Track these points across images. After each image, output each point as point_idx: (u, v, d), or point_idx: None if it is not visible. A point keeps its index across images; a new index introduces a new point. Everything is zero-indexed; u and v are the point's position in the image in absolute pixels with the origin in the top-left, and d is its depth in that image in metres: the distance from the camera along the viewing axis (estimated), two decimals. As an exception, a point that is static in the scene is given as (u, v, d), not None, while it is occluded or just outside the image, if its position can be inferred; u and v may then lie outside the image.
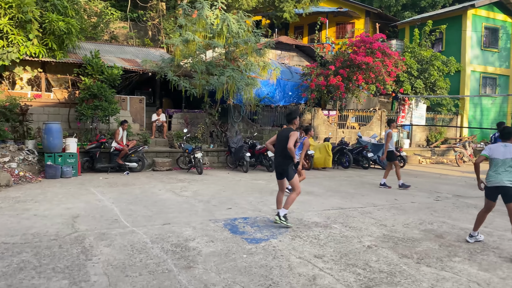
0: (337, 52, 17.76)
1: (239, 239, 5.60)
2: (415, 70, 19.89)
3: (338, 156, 15.02)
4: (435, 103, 21.05)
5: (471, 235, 5.88)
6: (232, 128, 15.38)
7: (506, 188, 5.52)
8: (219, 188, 9.76)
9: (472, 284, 4.27)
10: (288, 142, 6.26)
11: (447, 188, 10.99)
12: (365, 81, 16.55)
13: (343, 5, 26.07)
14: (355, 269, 4.59)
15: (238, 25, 13.78)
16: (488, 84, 22.65)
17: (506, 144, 5.77)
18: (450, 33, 22.27)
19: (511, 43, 23.14)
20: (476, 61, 22.04)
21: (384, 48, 16.50)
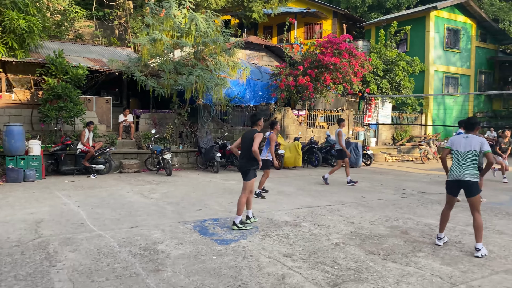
0: (305, 53, 17.95)
1: (208, 241, 5.57)
2: (381, 70, 20.37)
3: (307, 155, 15.19)
4: (400, 102, 21.63)
5: (439, 238, 5.70)
6: (202, 128, 15.29)
7: (467, 182, 5.41)
8: (189, 190, 9.68)
9: (435, 278, 4.41)
10: (252, 144, 6.23)
11: (412, 185, 11.31)
12: (333, 81, 16.81)
13: (311, 6, 26.38)
14: (324, 267, 4.66)
15: (207, 24, 13.71)
16: (451, 84, 23.47)
17: (467, 136, 5.63)
18: (414, 34, 22.93)
19: (472, 44, 24.05)
20: (439, 61, 22.78)
21: (351, 48, 16.80)
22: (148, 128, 14.82)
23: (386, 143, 20.86)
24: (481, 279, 4.42)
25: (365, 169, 15.22)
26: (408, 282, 4.30)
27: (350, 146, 15.78)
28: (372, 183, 11.43)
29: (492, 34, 25.09)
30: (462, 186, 5.52)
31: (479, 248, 5.23)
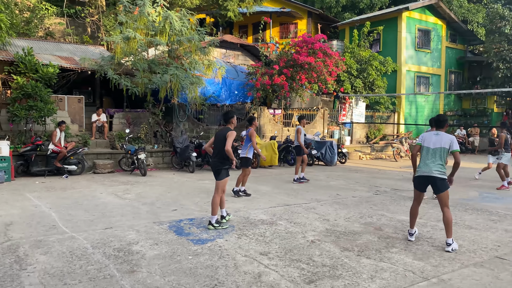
0: (281, 52, 18.04)
1: (184, 241, 5.53)
2: (354, 70, 20.68)
3: (284, 154, 15.27)
4: (373, 101, 22.02)
5: (411, 233, 5.81)
6: (177, 128, 15.15)
7: (435, 178, 5.50)
8: (164, 190, 9.58)
9: (407, 273, 4.52)
10: (226, 143, 6.18)
11: (386, 182, 11.54)
12: (308, 80, 16.95)
13: (286, 6, 26.50)
14: (299, 264, 4.70)
15: (181, 22, 13.59)
16: (422, 83, 24.04)
17: (438, 133, 5.75)
18: (386, 34, 23.37)
19: (442, 44, 24.70)
20: (411, 61, 23.29)
21: (325, 48, 16.98)
22: (122, 127, 14.58)
23: (360, 142, 21.19)
24: (451, 273, 4.55)
25: (340, 167, 15.42)
26: (382, 277, 4.39)
27: (326, 144, 15.98)
28: (346, 181, 11.60)
29: (461, 35, 25.84)
30: (430, 182, 5.61)
31: (450, 243, 5.38)
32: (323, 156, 15.87)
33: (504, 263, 4.89)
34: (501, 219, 7.16)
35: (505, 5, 22.33)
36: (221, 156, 6.30)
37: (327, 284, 4.18)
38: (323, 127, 19.35)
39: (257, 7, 23.21)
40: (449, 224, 5.42)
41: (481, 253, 5.28)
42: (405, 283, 4.25)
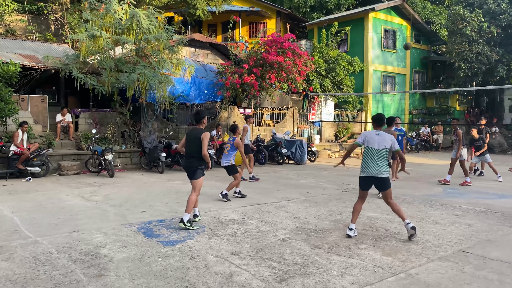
0: (250, 51, 18.04)
1: (154, 242, 5.44)
2: (323, 69, 20.96)
3: (254, 154, 15.26)
4: (342, 100, 22.38)
5: (351, 228, 5.87)
6: (145, 128, 14.90)
7: (383, 178, 5.76)
8: (133, 191, 9.39)
9: (376, 269, 4.60)
10: (202, 146, 6.16)
11: (354, 179, 11.68)
12: (278, 79, 17.03)
13: (255, 5, 26.53)
14: (271, 263, 4.71)
15: (149, 21, 13.35)
16: (388, 82, 24.63)
17: (379, 133, 5.92)
18: (354, 35, 23.80)
19: (407, 45, 25.36)
20: (377, 60, 23.82)
21: (294, 48, 17.10)
22: (88, 128, 14.19)
23: (329, 140, 21.49)
24: (418, 267, 4.67)
25: (310, 165, 15.58)
26: (352, 273, 4.45)
27: (295, 143, 16.11)
28: (316, 179, 11.72)
29: (425, 36, 26.64)
30: (376, 182, 5.87)
31: (409, 223, 5.77)
32: (293, 155, 15.98)
33: (468, 256, 5.06)
34: (464, 214, 7.42)
35: (466, 7, 23.17)
36: (197, 156, 6.25)
37: (298, 282, 4.20)
38: (293, 126, 19.50)
39: (226, 6, 23.12)
40: (399, 211, 5.87)
41: (446, 247, 5.44)
42: (374, 278, 4.32)
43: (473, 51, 21.71)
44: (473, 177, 12.52)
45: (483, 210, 7.78)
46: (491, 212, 7.62)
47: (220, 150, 14.12)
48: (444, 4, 31.25)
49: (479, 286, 4.16)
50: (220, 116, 16.98)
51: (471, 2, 23.33)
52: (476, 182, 11.57)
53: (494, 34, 21.68)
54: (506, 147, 22.53)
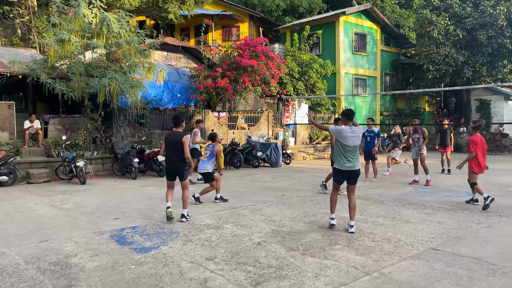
0: (223, 55, 18.02)
1: (127, 250, 5.33)
2: (296, 72, 21.15)
3: (229, 157, 15.25)
4: (315, 103, 22.62)
5: (332, 218, 6.45)
6: (117, 133, 14.64)
7: (358, 171, 6.22)
8: (105, 198, 9.20)
9: (350, 269, 4.65)
10: (184, 149, 6.64)
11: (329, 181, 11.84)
12: (251, 83, 17.07)
13: (228, 9, 26.56)
14: (246, 267, 4.69)
15: (119, 25, 13.14)
16: (360, 85, 25.07)
17: (352, 129, 6.17)
18: (325, 38, 24.13)
19: (377, 47, 25.91)
20: (349, 63, 24.21)
21: (267, 51, 17.20)
22: (58, 134, 13.82)
23: (304, 142, 21.66)
24: (391, 266, 4.75)
25: (285, 168, 15.66)
26: (326, 274, 4.48)
27: (270, 146, 16.17)
28: (291, 181, 11.78)
29: (394, 39, 27.27)
30: (351, 175, 6.25)
31: (353, 225, 6.18)
32: (269, 158, 16.03)
33: (438, 254, 5.19)
34: (434, 212, 7.60)
35: (433, 10, 23.85)
36: (181, 158, 6.75)
37: (273, 285, 4.19)
38: (268, 129, 19.56)
39: (198, 9, 23.02)
40: (354, 208, 6.25)
41: (418, 245, 5.56)
42: (348, 279, 4.37)
43: (440, 53, 22.36)
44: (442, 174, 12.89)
45: (452, 208, 7.99)
46: (460, 209, 7.84)
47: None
48: (412, 8, 32.11)
49: (449, 283, 4.26)
50: (194, 120, 16.85)
51: (437, 6, 24.04)
52: (446, 181, 11.89)
53: (460, 37, 22.40)
54: (474, 146, 23.22)
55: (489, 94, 24.80)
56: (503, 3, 21.96)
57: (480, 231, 6.25)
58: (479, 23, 22.10)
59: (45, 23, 18.13)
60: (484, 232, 6.19)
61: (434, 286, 4.17)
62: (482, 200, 7.99)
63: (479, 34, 22.05)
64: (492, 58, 23.02)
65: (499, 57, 23.09)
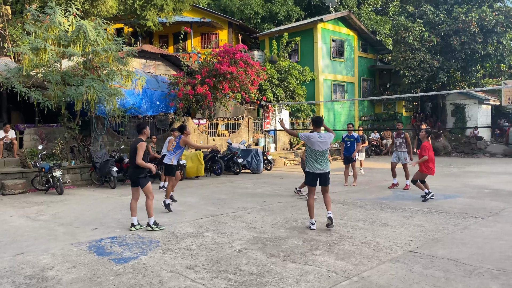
0: (202, 62, 18.01)
1: (105, 261, 5.25)
2: (275, 79, 21.29)
3: (210, 164, 15.20)
4: (295, 109, 22.79)
5: (312, 223, 6.80)
6: (95, 142, 14.43)
7: (326, 174, 6.73)
8: (83, 208, 9.04)
9: (331, 274, 4.69)
10: (136, 155, 6.64)
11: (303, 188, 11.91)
12: (231, 90, 17.09)
13: (206, 16, 26.59)
14: (226, 275, 4.67)
15: (97, 32, 13.00)
16: (338, 91, 25.38)
17: (320, 135, 6.70)
18: (304, 45, 24.39)
19: (354, 54, 26.31)
20: (327, 70, 24.51)
21: (246, 58, 17.26)
22: (34, 144, 13.53)
23: (284, 148, 21.76)
24: (370, 270, 4.81)
25: (266, 174, 15.69)
26: (307, 280, 4.50)
27: (251, 152, 16.18)
28: (272, 187, 11.81)
29: (371, 45, 27.75)
30: (321, 177, 6.75)
31: (330, 213, 6.71)
32: (249, 164, 16.04)
33: (416, 256, 5.27)
34: (412, 215, 7.73)
35: (408, 17, 24.42)
36: (135, 166, 6.75)
37: (254, 292, 4.19)
38: (249, 135, 19.59)
39: (177, 17, 22.96)
40: (329, 202, 6.86)
41: (396, 248, 5.64)
42: (329, 283, 4.40)
43: (416, 59, 22.87)
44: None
45: (430, 210, 8.15)
46: (437, 212, 8.00)
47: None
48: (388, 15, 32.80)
49: (427, 285, 4.34)
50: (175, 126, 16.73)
51: (412, 13, 24.62)
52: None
53: (434, 43, 22.97)
54: (450, 149, 23.80)
55: (464, 99, 25.45)
56: (475, 10, 22.66)
57: (457, 233, 6.39)
58: (452, 30, 22.73)
59: (19, 31, 17.78)
60: (460, 234, 6.33)
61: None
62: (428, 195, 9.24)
63: (453, 40, 22.67)
64: (466, 63, 23.68)
65: (472, 62, 23.78)
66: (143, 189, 6.87)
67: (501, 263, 4.96)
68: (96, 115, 14.27)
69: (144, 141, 6.86)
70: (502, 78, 26.92)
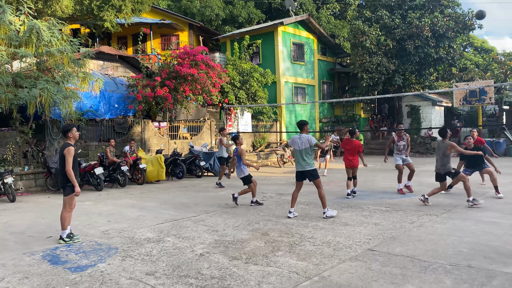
0: (162, 64, 17.75)
1: (61, 270, 5.04)
2: (237, 81, 21.30)
3: (171, 168, 14.97)
4: (257, 111, 22.90)
5: (290, 211, 7.68)
6: (51, 146, 13.88)
7: (308, 171, 7.53)
8: (37, 215, 8.67)
9: (292, 275, 4.72)
10: (65, 162, 6.10)
11: (271, 188, 12.01)
12: (192, 92, 16.94)
13: (166, 17, 26.25)
14: (188, 280, 4.60)
15: (51, 33, 12.51)
16: (299, 93, 25.74)
17: (300, 136, 7.52)
18: (265, 48, 24.56)
19: (314, 57, 26.78)
20: (288, 72, 24.80)
21: (207, 60, 17.17)
22: (-17, 149, 12.85)
23: (247, 150, 21.77)
24: (331, 269, 4.88)
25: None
26: (269, 282, 4.51)
27: (214, 155, 16.08)
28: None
29: (330, 48, 28.35)
30: (304, 175, 7.62)
31: (325, 211, 7.54)
32: (212, 167, 15.94)
33: (375, 254, 5.41)
34: (371, 214, 7.94)
35: (365, 21, 25.13)
36: (62, 173, 6.24)
37: (216, 296, 4.15)
38: (211, 138, 19.48)
39: (136, 18, 22.49)
40: (323, 198, 7.58)
41: (356, 247, 5.76)
42: (290, 284, 4.43)
43: (373, 62, 23.57)
44: (377, 177, 13.52)
45: (387, 209, 8.39)
46: (395, 210, 8.25)
47: (134, 166, 13.63)
48: (346, 19, 33.60)
49: (385, 282, 4.45)
50: (133, 131, 16.40)
51: (369, 18, 25.36)
52: (381, 183, 12.48)
53: (390, 46, 23.77)
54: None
55: (418, 100, 26.45)
56: (427, 16, 23.64)
57: (413, 230, 6.61)
58: (407, 34, 23.60)
59: (-34, 30, 16.83)
60: (416, 231, 6.55)
61: (371, 286, 4.34)
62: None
63: (407, 44, 23.54)
64: (420, 67, 24.65)
65: (426, 66, 24.78)
66: (64, 197, 6.33)
67: (453, 258, 5.17)
68: (51, 118, 13.75)
69: (72, 145, 6.28)
70: (454, 80, 28.22)
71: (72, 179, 6.14)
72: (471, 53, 37.87)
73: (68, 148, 6.16)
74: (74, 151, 6.27)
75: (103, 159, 13.28)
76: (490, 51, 40.13)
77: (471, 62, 33.33)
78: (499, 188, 9.55)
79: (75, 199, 6.44)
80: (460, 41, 25.27)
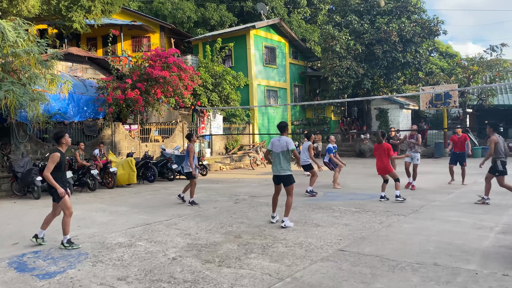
0: (133, 66, 17.51)
1: (28, 277, 4.91)
2: (210, 84, 21.27)
3: (143, 171, 14.77)
4: (230, 114, 22.92)
5: (273, 217, 7.57)
6: (17, 150, 13.45)
7: (282, 176, 7.27)
8: (2, 221, 8.39)
9: (265, 276, 4.77)
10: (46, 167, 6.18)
11: (244, 190, 12.05)
12: (164, 94, 16.78)
13: (137, 19, 25.93)
14: (160, 284, 4.58)
15: (16, 33, 12.14)
16: (271, 96, 25.94)
17: (279, 139, 7.32)
18: (237, 51, 24.63)
19: (286, 60, 27.05)
20: (260, 75, 24.95)
21: (179, 62, 17.05)
22: None
23: (220, 153, 21.76)
24: (303, 270, 4.97)
25: (202, 179, 15.54)
26: (242, 284, 4.55)
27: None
28: (208, 193, 11.77)
29: (301, 52, 28.71)
30: (278, 179, 7.37)
31: (284, 221, 7.16)
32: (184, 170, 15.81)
33: (345, 254, 5.54)
34: (342, 215, 8.10)
35: (335, 26, 25.59)
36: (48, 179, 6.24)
37: (189, 299, 4.15)
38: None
39: (106, 19, 22.08)
40: (289, 206, 7.26)
41: (327, 248, 5.88)
42: (263, 286, 4.48)
43: (343, 66, 24.02)
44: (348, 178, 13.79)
45: (357, 210, 8.59)
46: (364, 211, 8.45)
47: (104, 170, 13.39)
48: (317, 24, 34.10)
49: (355, 281, 4.57)
50: (103, 134, 16.10)
51: (339, 22, 25.84)
52: (351, 184, 12.72)
53: (359, 51, 24.30)
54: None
55: (387, 104, 27.11)
56: (395, 21, 24.32)
57: (382, 230, 6.80)
58: (375, 39, 24.19)
59: None
60: (385, 231, 6.74)
61: (342, 286, 4.45)
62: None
63: (376, 48, 24.13)
64: (388, 71, 25.30)
65: (394, 70, 25.46)
66: (58, 203, 6.28)
67: (420, 256, 5.36)
68: (17, 121, 13.32)
69: (60, 151, 6.26)
70: (420, 84, 29.06)
71: (52, 182, 6.13)
72: (436, 58, 39.14)
73: (53, 154, 6.19)
74: (61, 157, 6.25)
75: (72, 163, 12.99)
76: (454, 56, 41.60)
77: (437, 66, 34.44)
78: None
79: (68, 201, 6.35)
80: (426, 46, 26.10)
